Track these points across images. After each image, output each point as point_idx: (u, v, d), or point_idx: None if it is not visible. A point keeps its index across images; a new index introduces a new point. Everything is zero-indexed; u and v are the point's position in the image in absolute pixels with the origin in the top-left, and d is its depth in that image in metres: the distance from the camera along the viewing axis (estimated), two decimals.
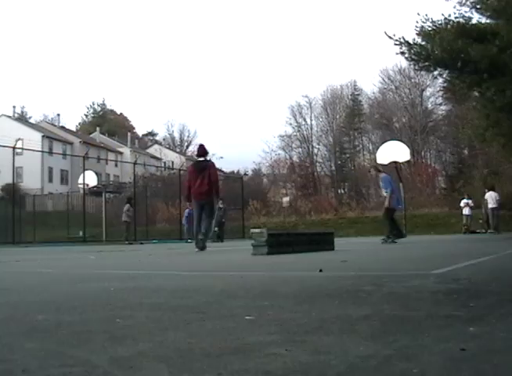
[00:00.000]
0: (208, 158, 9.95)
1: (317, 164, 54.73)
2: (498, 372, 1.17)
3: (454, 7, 13.28)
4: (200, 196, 9.44)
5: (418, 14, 13.31)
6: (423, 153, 48.55)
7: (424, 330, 1.57)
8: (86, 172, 25.49)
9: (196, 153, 10.70)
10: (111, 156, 57.88)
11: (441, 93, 43.93)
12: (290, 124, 54.33)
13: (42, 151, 44.67)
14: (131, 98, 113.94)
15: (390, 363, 1.22)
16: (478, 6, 13.31)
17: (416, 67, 14.48)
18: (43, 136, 51.01)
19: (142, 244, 20.70)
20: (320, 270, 3.76)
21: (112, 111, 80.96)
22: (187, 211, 23.60)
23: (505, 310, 1.94)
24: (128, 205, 21.89)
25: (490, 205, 21.73)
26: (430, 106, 49.70)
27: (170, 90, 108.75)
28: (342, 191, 52.40)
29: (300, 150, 54.59)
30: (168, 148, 68.76)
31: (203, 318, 1.90)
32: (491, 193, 22.07)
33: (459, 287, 2.72)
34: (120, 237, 21.81)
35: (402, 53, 13.32)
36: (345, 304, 2.20)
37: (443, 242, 12.56)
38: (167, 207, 34.31)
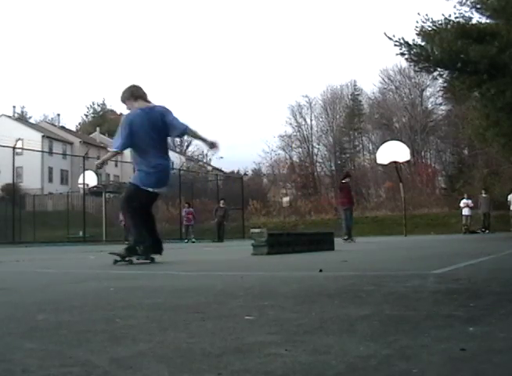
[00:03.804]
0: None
1: (317, 164, 54.69)
2: (498, 372, 1.16)
3: (454, 7, 13.30)
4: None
5: (418, 14, 13.33)
6: (423, 153, 48.51)
7: (424, 330, 1.57)
8: (86, 172, 25.47)
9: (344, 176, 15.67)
10: None
11: (441, 93, 43.77)
12: (290, 124, 54.27)
13: (42, 151, 44.57)
14: None
15: (390, 363, 1.22)
16: (478, 6, 13.31)
17: (416, 68, 14.48)
18: (43, 136, 50.89)
19: None
20: (320, 270, 3.76)
21: (112, 111, 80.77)
22: (184, 210, 23.59)
23: (505, 310, 1.94)
24: None
25: None
26: (430, 106, 49.66)
27: (170, 90, 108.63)
28: None
29: (300, 150, 54.53)
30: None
31: (203, 318, 1.90)
32: None
33: (459, 287, 2.72)
34: (120, 237, 21.81)
35: (402, 54, 13.33)
36: (345, 304, 2.20)
37: (443, 242, 12.55)
38: (167, 207, 34.29)
